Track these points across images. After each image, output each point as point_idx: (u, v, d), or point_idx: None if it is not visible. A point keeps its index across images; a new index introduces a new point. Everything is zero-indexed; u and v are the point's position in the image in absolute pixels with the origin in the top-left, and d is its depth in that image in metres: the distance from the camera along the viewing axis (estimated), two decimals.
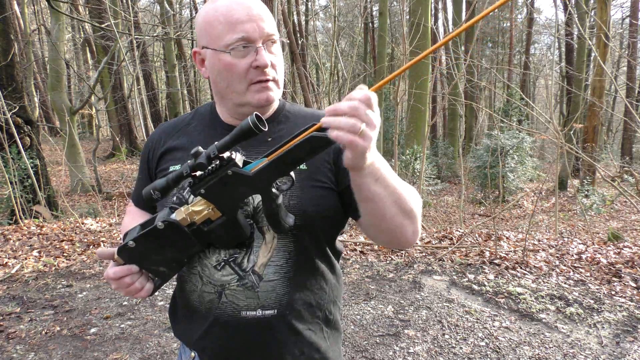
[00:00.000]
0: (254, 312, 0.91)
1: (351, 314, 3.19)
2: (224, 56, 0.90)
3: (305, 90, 11.05)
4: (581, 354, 2.63)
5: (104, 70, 11.30)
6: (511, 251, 4.42)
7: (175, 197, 0.93)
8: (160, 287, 0.92)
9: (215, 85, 0.96)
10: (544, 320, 3.05)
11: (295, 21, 15.60)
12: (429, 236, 5.07)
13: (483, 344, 2.78)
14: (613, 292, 3.46)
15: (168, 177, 0.79)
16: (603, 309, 3.18)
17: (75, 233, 5.39)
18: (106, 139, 19.16)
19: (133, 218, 1.10)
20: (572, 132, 7.47)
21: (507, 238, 5.01)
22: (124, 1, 11.75)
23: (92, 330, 3.03)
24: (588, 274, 3.82)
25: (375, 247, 4.62)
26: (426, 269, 4.03)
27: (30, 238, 5.12)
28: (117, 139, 14.46)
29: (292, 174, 0.79)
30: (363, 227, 0.95)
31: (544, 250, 4.47)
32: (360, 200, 0.84)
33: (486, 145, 11.47)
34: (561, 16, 19.52)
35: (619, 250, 4.41)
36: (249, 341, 0.94)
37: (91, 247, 4.88)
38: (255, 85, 0.92)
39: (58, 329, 3.03)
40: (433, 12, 16.45)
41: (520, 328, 2.96)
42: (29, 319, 3.19)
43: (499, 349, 2.72)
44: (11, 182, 6.16)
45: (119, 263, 0.87)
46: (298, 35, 14.20)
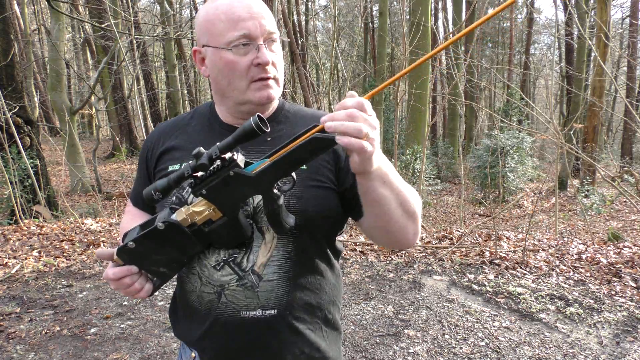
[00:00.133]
0: (254, 312, 0.91)
1: (351, 314, 3.19)
2: (225, 54, 0.89)
3: (305, 90, 11.06)
4: (581, 354, 2.63)
5: (104, 70, 11.29)
6: (511, 251, 4.42)
7: (175, 197, 0.93)
8: (160, 287, 0.92)
9: (215, 84, 0.96)
10: (544, 320, 3.04)
11: (295, 21, 15.59)
12: (429, 236, 5.06)
13: (483, 344, 2.77)
14: (613, 292, 3.45)
15: (169, 177, 0.78)
16: (603, 309, 3.18)
17: (75, 233, 5.39)
18: (106, 139, 19.16)
19: (132, 218, 1.10)
20: (572, 132, 7.46)
21: (507, 238, 5.01)
22: (124, 1, 11.73)
23: (92, 330, 3.03)
24: (588, 274, 3.82)
25: (375, 247, 4.62)
26: (426, 269, 4.03)
27: (30, 238, 5.12)
28: (117, 139, 14.47)
29: (293, 174, 0.79)
30: (365, 228, 0.95)
31: (544, 250, 4.47)
32: (367, 204, 0.84)
33: (486, 145, 11.45)
34: (561, 16, 19.53)
35: (619, 250, 4.41)
36: (249, 341, 0.93)
37: (91, 247, 4.87)
38: (256, 83, 0.92)
39: (58, 329, 3.03)
40: (433, 12, 16.44)
41: (520, 328, 2.96)
42: (29, 319, 3.19)
43: (499, 349, 2.72)
44: (11, 182, 6.15)
45: (119, 263, 0.86)
46: (298, 35, 14.19)
